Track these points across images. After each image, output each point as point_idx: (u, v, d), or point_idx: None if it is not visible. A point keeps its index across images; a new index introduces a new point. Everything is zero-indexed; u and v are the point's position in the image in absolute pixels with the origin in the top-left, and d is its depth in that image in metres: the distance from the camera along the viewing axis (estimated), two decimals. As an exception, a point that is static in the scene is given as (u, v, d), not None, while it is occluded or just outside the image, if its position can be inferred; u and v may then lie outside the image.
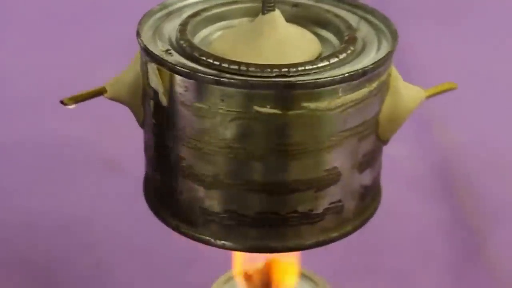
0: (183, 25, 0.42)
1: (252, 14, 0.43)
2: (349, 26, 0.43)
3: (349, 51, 0.41)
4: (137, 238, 0.65)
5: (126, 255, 0.64)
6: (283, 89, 0.38)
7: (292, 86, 0.38)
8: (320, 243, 0.43)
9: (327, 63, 0.39)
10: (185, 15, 0.44)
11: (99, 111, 0.79)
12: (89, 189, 0.70)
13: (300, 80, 0.38)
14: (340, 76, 0.38)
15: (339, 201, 0.41)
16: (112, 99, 0.45)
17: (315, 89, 0.38)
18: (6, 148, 0.74)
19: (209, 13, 0.44)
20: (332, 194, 0.41)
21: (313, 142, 0.39)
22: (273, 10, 0.41)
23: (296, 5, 0.45)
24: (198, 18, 0.43)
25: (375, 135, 0.42)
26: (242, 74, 0.38)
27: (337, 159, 0.40)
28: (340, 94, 0.39)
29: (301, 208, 0.41)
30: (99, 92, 0.44)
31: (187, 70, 0.39)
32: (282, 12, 0.43)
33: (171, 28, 0.43)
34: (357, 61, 0.40)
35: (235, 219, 0.41)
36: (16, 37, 0.90)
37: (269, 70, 0.38)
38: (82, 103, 0.81)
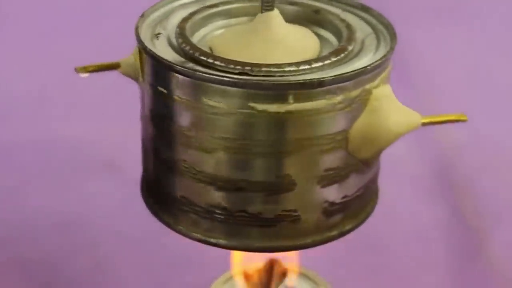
0: (183, 25, 0.42)
1: (252, 13, 0.43)
2: (348, 29, 0.43)
3: (339, 56, 0.40)
4: (137, 238, 0.65)
5: (125, 255, 0.64)
6: (234, 87, 0.38)
7: (241, 85, 0.38)
8: (271, 249, 0.43)
9: (307, 66, 0.39)
10: (184, 13, 0.44)
11: (99, 111, 0.79)
12: (89, 189, 0.70)
13: (251, 80, 0.38)
14: (293, 82, 0.38)
15: (295, 210, 0.41)
16: (124, 74, 0.45)
17: (264, 91, 0.38)
18: (6, 147, 0.74)
19: (207, 12, 0.44)
20: (285, 202, 0.41)
21: (263, 145, 0.39)
22: (272, 9, 0.41)
23: (295, 4, 0.45)
24: (197, 16, 0.43)
25: (344, 151, 0.41)
26: (227, 69, 0.39)
27: (290, 166, 0.40)
28: (291, 101, 0.38)
29: (250, 209, 0.41)
30: (113, 66, 0.45)
31: (182, 68, 0.39)
32: (283, 11, 0.43)
33: (171, 26, 0.43)
34: (346, 65, 0.40)
35: (187, 205, 0.42)
36: (16, 36, 0.90)
37: (232, 66, 0.38)
38: (82, 103, 0.82)
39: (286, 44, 0.41)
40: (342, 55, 0.40)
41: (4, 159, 0.73)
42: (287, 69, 0.39)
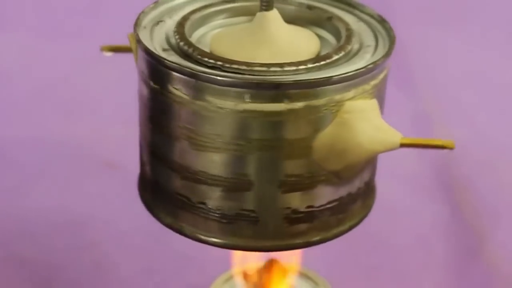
0: (181, 24, 0.42)
1: (252, 12, 0.43)
2: (346, 29, 0.43)
3: (335, 56, 0.40)
4: (136, 238, 0.65)
5: (125, 255, 0.64)
6: (195, 80, 0.39)
7: (201, 78, 0.38)
8: (229, 246, 0.43)
9: (293, 68, 0.39)
10: (183, 12, 0.44)
11: (99, 111, 0.79)
12: (89, 189, 0.70)
13: (212, 74, 0.38)
14: (248, 82, 0.38)
15: (253, 211, 0.41)
16: None
17: (222, 87, 0.38)
18: (6, 147, 0.74)
19: (206, 11, 0.44)
20: (243, 201, 0.41)
21: (222, 140, 0.39)
22: (270, 9, 0.41)
23: (294, 4, 0.45)
24: (196, 16, 0.43)
25: (307, 160, 0.40)
26: (227, 69, 0.39)
27: (246, 166, 0.40)
28: (246, 100, 0.38)
29: (209, 202, 0.41)
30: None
31: (180, 67, 0.39)
32: (283, 11, 0.43)
33: (169, 26, 0.43)
34: (342, 65, 0.40)
35: (158, 191, 0.43)
36: (16, 36, 0.90)
37: (212, 60, 0.39)
38: (82, 103, 0.81)
39: (284, 44, 0.41)
40: (335, 57, 0.40)
41: (4, 159, 0.73)
42: (272, 69, 0.39)
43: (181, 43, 0.41)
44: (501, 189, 0.72)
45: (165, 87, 0.40)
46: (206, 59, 0.39)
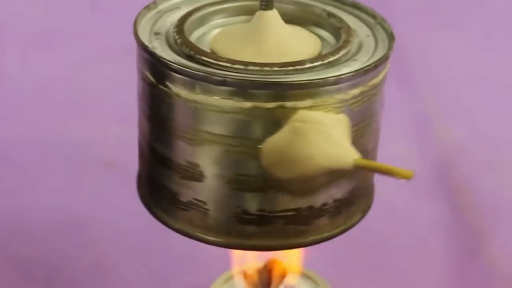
0: (181, 23, 0.42)
1: (251, 11, 0.43)
2: (346, 28, 0.42)
3: (333, 56, 0.40)
4: (136, 238, 0.65)
5: (125, 255, 0.64)
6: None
7: (162, 64, 0.39)
8: (182, 232, 0.43)
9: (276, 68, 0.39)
10: (182, 12, 0.44)
11: (99, 111, 0.79)
12: (89, 188, 0.70)
13: (171, 63, 0.39)
14: (196, 74, 0.38)
15: (205, 203, 0.41)
16: None
17: (176, 74, 0.39)
18: (6, 147, 0.74)
19: (206, 10, 0.44)
20: (195, 190, 0.41)
21: (180, 129, 0.40)
22: (270, 8, 0.41)
23: (295, 4, 0.45)
24: (196, 15, 0.43)
25: (256, 162, 0.39)
26: (227, 67, 0.39)
27: (199, 157, 0.40)
28: (197, 91, 0.38)
29: (169, 186, 0.42)
30: None
31: (180, 67, 0.39)
32: (283, 10, 0.43)
33: (169, 24, 0.43)
34: (341, 65, 0.40)
35: (155, 188, 0.44)
36: (17, 37, 0.90)
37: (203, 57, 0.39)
38: (82, 103, 0.81)
39: (284, 45, 0.41)
40: (336, 56, 0.40)
41: (4, 159, 0.73)
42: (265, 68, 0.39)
43: (180, 42, 0.40)
44: (501, 189, 0.72)
45: (162, 84, 0.40)
46: (200, 57, 0.39)
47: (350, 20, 0.44)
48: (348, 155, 0.38)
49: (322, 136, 0.38)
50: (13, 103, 0.80)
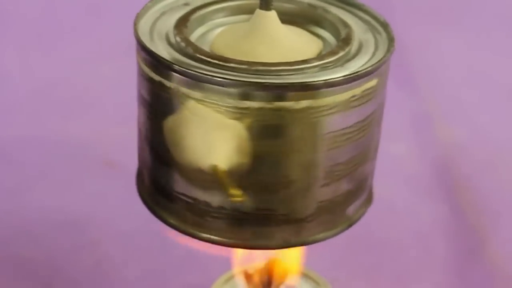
0: (180, 23, 0.42)
1: (252, 11, 0.43)
2: (346, 29, 0.42)
3: (333, 57, 0.40)
4: (137, 237, 0.65)
5: (126, 255, 0.64)
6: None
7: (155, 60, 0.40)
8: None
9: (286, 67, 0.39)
10: (183, 11, 0.44)
11: (100, 111, 0.79)
12: (89, 188, 0.70)
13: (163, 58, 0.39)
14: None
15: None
16: None
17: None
18: (7, 146, 0.74)
19: (206, 10, 0.44)
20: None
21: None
22: (269, 8, 0.41)
23: (293, 3, 0.45)
24: (196, 14, 0.43)
25: (161, 138, 0.42)
26: (225, 67, 0.39)
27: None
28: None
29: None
30: None
31: (182, 68, 0.39)
32: (284, 9, 0.43)
33: (169, 24, 0.43)
34: (342, 66, 0.40)
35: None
36: (17, 37, 0.90)
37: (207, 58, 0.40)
38: (82, 103, 0.81)
39: (283, 45, 0.41)
40: (336, 57, 0.40)
41: (4, 159, 0.73)
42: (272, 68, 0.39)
43: (180, 41, 0.41)
44: (502, 189, 0.72)
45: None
46: (202, 57, 0.39)
47: (351, 20, 0.44)
48: (209, 158, 0.39)
49: (200, 130, 0.39)
50: (13, 103, 0.80)
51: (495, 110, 0.82)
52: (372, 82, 0.40)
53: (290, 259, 0.49)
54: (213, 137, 0.39)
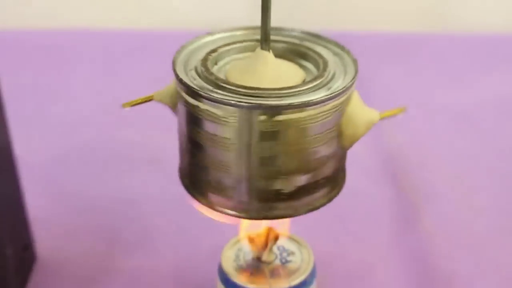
0: (205, 59, 0.42)
1: (253, 49, 0.43)
2: (323, 61, 0.41)
3: (314, 83, 0.39)
4: (170, 213, 0.64)
5: (163, 224, 0.63)
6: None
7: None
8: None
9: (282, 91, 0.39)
10: (206, 50, 0.43)
11: (147, 123, 0.79)
12: (138, 178, 0.70)
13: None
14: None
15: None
16: (158, 101, 0.44)
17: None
18: (84, 148, 0.74)
19: (223, 49, 0.43)
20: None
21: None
22: (268, 49, 0.41)
23: (284, 42, 0.44)
24: (216, 54, 0.43)
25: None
26: (236, 92, 0.38)
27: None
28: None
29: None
30: (148, 99, 0.44)
31: (205, 93, 0.39)
32: (277, 47, 0.43)
33: (197, 60, 0.42)
34: (320, 89, 0.39)
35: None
36: (87, 68, 0.91)
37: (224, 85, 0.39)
38: (135, 117, 0.81)
39: (278, 73, 0.41)
40: (316, 82, 0.40)
41: (82, 157, 0.73)
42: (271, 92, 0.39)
43: (205, 72, 0.40)
44: (432, 176, 0.71)
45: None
46: (220, 83, 0.39)
47: (326, 54, 0.43)
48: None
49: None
50: (86, 117, 0.80)
51: (425, 121, 0.81)
52: (342, 99, 0.40)
53: (280, 226, 0.50)
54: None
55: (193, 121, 0.40)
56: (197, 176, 0.42)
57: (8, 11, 1.01)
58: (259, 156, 0.39)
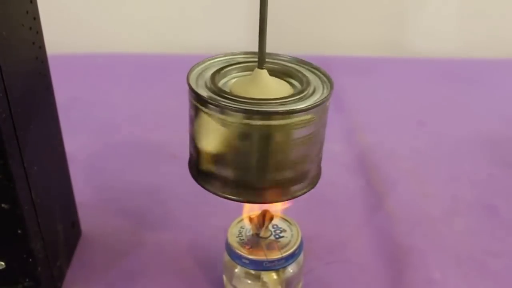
0: (213, 76, 0.42)
1: (251, 69, 0.43)
2: (306, 79, 0.42)
3: (298, 96, 0.39)
4: (186, 197, 0.64)
5: (180, 206, 0.63)
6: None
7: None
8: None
9: (281, 100, 0.38)
10: (214, 69, 0.43)
11: (168, 126, 0.79)
12: (161, 170, 0.69)
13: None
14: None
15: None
16: None
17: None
18: (118, 146, 0.74)
19: (227, 69, 0.43)
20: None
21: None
22: (263, 68, 0.41)
23: (276, 64, 0.44)
24: (221, 72, 0.43)
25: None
26: (237, 101, 0.38)
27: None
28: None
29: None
30: None
31: (214, 102, 0.38)
32: (271, 67, 0.42)
33: (207, 76, 0.42)
34: (303, 101, 0.39)
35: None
36: (122, 83, 0.90)
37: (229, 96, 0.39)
38: (159, 121, 0.80)
39: (272, 88, 0.41)
40: (300, 95, 0.40)
41: (116, 154, 0.73)
42: (270, 101, 0.38)
43: (213, 86, 0.40)
44: (396, 168, 0.71)
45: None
46: (225, 95, 0.39)
47: (309, 74, 0.43)
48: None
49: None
50: (121, 120, 0.80)
51: (391, 125, 0.81)
52: (321, 109, 0.40)
53: (274, 209, 0.49)
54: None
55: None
56: (202, 166, 0.42)
57: (62, 38, 1.01)
58: (256, 154, 0.39)
